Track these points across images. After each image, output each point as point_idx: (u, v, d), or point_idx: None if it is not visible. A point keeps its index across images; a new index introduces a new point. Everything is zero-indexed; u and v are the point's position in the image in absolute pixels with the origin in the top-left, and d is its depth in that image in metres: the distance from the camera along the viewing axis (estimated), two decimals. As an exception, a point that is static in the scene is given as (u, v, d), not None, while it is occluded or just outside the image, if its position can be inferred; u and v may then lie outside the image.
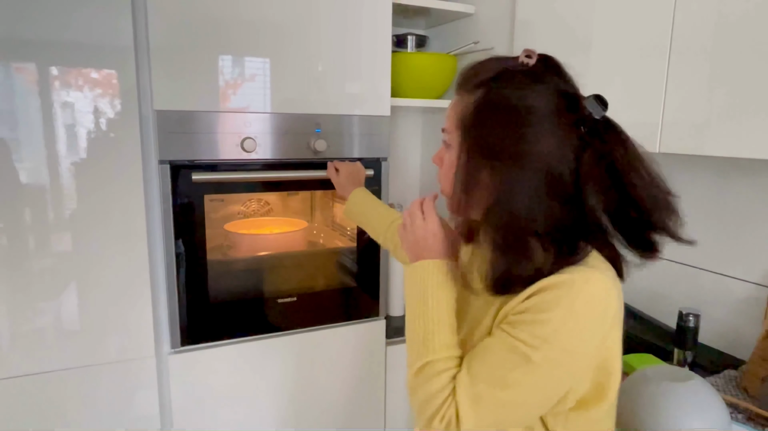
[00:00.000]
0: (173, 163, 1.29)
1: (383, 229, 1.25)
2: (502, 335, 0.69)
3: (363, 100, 1.48)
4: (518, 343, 0.67)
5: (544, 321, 0.66)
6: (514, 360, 0.67)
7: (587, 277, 0.67)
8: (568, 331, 0.66)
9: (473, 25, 1.78)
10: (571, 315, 0.66)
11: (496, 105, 0.71)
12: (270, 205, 1.70)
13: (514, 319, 0.69)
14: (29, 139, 1.17)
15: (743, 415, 1.04)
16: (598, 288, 0.68)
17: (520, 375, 0.66)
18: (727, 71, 1.00)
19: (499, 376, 0.67)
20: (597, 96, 0.71)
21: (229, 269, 1.52)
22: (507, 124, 0.70)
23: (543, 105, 0.70)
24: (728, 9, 0.99)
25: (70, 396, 1.27)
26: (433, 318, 0.74)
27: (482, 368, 0.69)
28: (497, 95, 0.72)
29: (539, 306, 0.67)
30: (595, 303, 0.67)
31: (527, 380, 0.67)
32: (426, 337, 0.73)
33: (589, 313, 0.67)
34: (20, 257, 1.19)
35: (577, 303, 0.66)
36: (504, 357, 0.67)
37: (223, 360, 1.42)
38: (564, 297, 0.66)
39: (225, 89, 1.32)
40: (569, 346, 0.66)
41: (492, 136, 0.71)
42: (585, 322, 0.67)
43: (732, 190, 1.31)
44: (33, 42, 1.14)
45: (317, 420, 1.58)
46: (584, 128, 0.71)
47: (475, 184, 0.72)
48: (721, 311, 1.34)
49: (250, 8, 1.31)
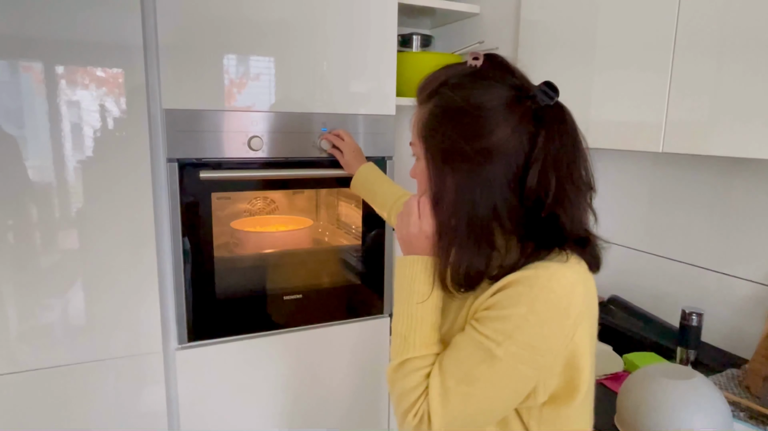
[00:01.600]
0: (181, 161, 1.30)
1: (389, 205, 1.30)
2: (470, 331, 0.72)
3: (368, 100, 1.49)
4: (483, 338, 0.69)
5: (506, 317, 0.68)
6: (479, 355, 0.69)
7: (551, 273, 0.68)
8: (530, 327, 0.68)
9: (478, 25, 1.78)
10: (533, 311, 0.68)
11: (447, 109, 0.74)
12: (276, 203, 1.71)
13: (480, 315, 0.72)
14: (37, 137, 1.17)
15: (745, 413, 1.05)
16: (561, 283, 0.68)
17: (485, 370, 0.69)
18: (731, 71, 1.01)
19: (465, 371, 0.70)
20: (547, 83, 0.73)
21: (235, 266, 1.53)
22: (460, 126, 0.72)
23: (492, 100, 0.71)
24: (732, 8, 1.00)
25: (78, 390, 1.29)
26: (416, 314, 0.77)
27: (451, 364, 0.72)
28: (447, 100, 0.74)
29: (503, 303, 0.69)
30: (558, 299, 0.68)
31: (492, 375, 0.69)
32: (408, 334, 0.76)
33: (552, 309, 0.68)
34: (29, 254, 1.20)
35: (540, 299, 0.68)
36: (470, 353, 0.70)
37: (230, 356, 1.44)
38: (526, 294, 0.68)
39: (232, 88, 1.33)
40: (532, 341, 0.68)
41: (448, 140, 0.73)
42: (547, 318, 0.68)
43: (736, 190, 1.32)
44: (40, 40, 1.15)
45: (322, 416, 1.59)
46: (538, 115, 0.72)
47: (443, 188, 0.74)
48: (724, 310, 1.34)
49: (256, 8, 1.32)
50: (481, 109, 0.71)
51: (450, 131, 0.73)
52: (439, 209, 0.75)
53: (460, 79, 0.74)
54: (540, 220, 0.72)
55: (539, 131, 0.71)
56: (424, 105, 0.77)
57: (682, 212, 1.45)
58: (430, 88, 0.76)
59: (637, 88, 1.19)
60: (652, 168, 1.52)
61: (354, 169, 1.41)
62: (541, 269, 0.69)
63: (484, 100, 0.71)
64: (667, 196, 1.49)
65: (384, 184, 1.36)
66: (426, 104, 0.76)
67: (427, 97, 0.76)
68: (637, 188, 1.58)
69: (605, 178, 1.67)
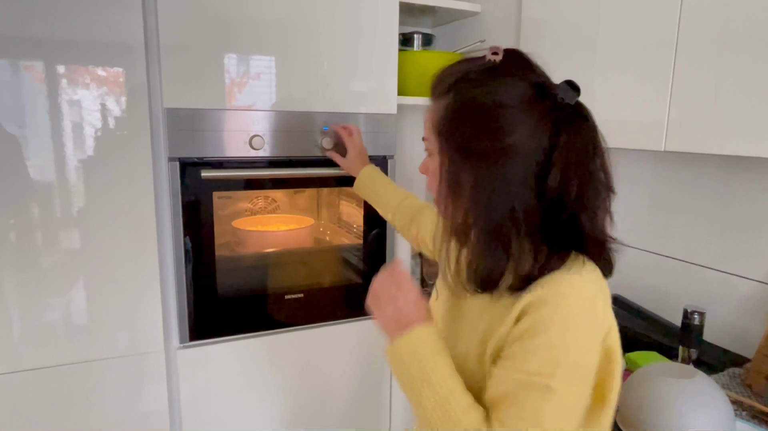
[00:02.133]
0: (182, 160, 1.30)
1: (393, 207, 1.29)
2: (511, 373, 0.67)
3: (370, 98, 1.49)
4: (532, 377, 0.65)
5: (545, 344, 0.65)
6: (536, 395, 0.65)
7: (571, 286, 0.67)
8: (570, 346, 0.65)
9: (479, 24, 1.78)
10: (567, 329, 0.66)
11: (466, 105, 0.71)
12: (277, 202, 1.71)
13: (513, 351, 0.67)
14: (38, 136, 1.18)
15: (747, 412, 1.05)
16: (584, 296, 0.67)
17: (548, 408, 0.65)
18: (734, 69, 1.00)
19: (529, 417, 0.65)
20: (569, 81, 0.71)
21: (236, 265, 1.53)
22: (479, 123, 0.70)
23: (513, 98, 0.69)
24: (734, 6, 1.00)
25: (80, 389, 1.29)
26: (444, 392, 0.70)
27: (509, 416, 0.66)
28: (466, 96, 0.72)
29: (535, 329, 0.66)
30: (586, 312, 0.67)
31: (555, 409, 0.65)
32: (445, 415, 0.69)
33: (583, 322, 0.67)
34: (30, 253, 1.21)
35: (569, 316, 0.66)
36: (525, 396, 0.65)
37: (231, 355, 1.44)
38: (553, 315, 0.66)
39: (233, 87, 1.33)
40: (577, 359, 0.66)
41: (466, 136, 0.71)
42: (581, 332, 0.66)
43: (738, 188, 1.32)
44: (42, 40, 1.15)
45: (323, 415, 1.59)
46: (559, 114, 0.70)
47: (459, 186, 0.72)
48: (726, 309, 1.34)
49: (258, 6, 1.32)
50: (502, 107, 0.69)
51: (468, 128, 0.70)
52: (455, 206, 0.73)
53: (479, 74, 0.72)
54: (557, 222, 0.70)
55: (560, 130, 0.69)
56: (440, 99, 0.74)
57: (684, 210, 1.44)
58: (448, 82, 0.73)
59: (640, 87, 1.19)
60: (655, 166, 1.52)
61: (356, 169, 1.39)
62: (564, 285, 0.67)
63: (504, 97, 0.69)
64: (669, 195, 1.48)
65: (388, 186, 1.35)
66: (442, 99, 0.74)
67: (444, 92, 0.74)
68: (639, 187, 1.57)
69: (607, 177, 1.67)
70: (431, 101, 0.77)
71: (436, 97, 0.75)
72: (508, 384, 0.67)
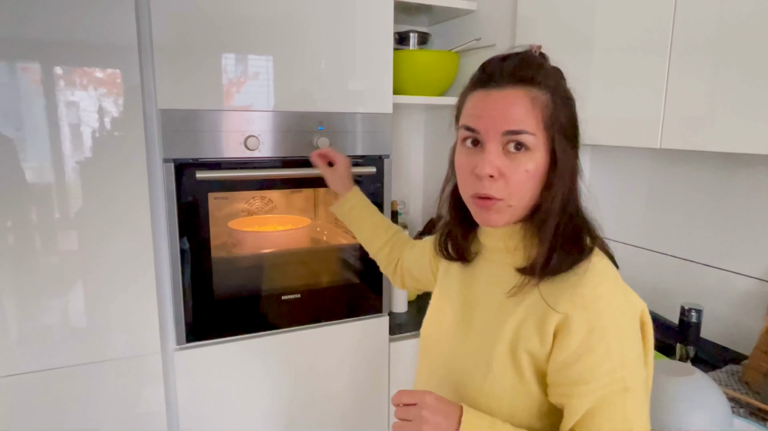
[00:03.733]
0: (177, 161, 1.30)
1: (383, 238, 1.18)
2: (587, 396, 0.66)
3: (365, 98, 1.48)
4: (608, 388, 0.66)
5: (606, 353, 0.66)
6: (617, 402, 0.66)
7: (605, 287, 0.68)
8: (626, 342, 0.67)
9: (475, 22, 1.78)
10: (619, 328, 0.67)
11: (566, 97, 0.74)
12: (273, 202, 1.70)
13: (579, 372, 0.67)
14: (34, 138, 1.17)
15: (745, 409, 1.05)
16: (616, 291, 0.69)
17: (630, 407, 0.66)
18: (730, 65, 1.00)
19: (619, 422, 0.66)
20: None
21: (233, 266, 1.53)
22: (573, 114, 0.74)
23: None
24: (729, 2, 1.00)
25: (77, 392, 1.29)
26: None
27: (600, 429, 0.66)
28: (561, 87, 0.74)
29: (589, 343, 0.66)
30: (625, 304, 0.69)
31: (636, 403, 0.67)
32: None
33: (625, 314, 0.68)
34: (26, 255, 1.20)
35: (615, 315, 0.67)
36: (608, 407, 0.66)
37: (228, 356, 1.43)
38: (602, 318, 0.67)
39: (228, 87, 1.32)
40: (634, 349, 0.68)
41: (571, 126, 0.73)
42: (628, 323, 0.68)
43: (734, 185, 1.32)
44: (37, 42, 1.14)
45: (321, 416, 1.59)
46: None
47: (572, 175, 0.73)
48: (724, 306, 1.34)
49: (251, 6, 1.31)
50: (573, 100, 0.75)
51: (570, 118, 0.73)
52: (554, 196, 0.72)
53: (555, 68, 0.75)
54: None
55: None
56: (539, 91, 0.70)
57: (681, 208, 1.44)
58: (542, 73, 0.71)
59: (635, 84, 1.18)
60: (650, 164, 1.52)
61: (341, 186, 1.27)
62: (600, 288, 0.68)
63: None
64: (665, 192, 1.48)
65: (375, 215, 1.22)
66: (542, 90, 0.70)
67: (542, 83, 0.71)
68: (635, 184, 1.57)
69: (603, 175, 1.67)
70: (524, 91, 0.70)
71: (535, 87, 0.70)
72: (586, 405, 0.67)
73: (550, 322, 0.68)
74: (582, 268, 0.69)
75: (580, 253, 0.70)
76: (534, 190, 0.72)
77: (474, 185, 0.72)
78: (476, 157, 0.71)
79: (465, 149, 0.74)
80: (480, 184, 0.71)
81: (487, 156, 0.70)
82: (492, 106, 0.70)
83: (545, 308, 0.69)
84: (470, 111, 0.73)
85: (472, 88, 0.75)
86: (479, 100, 0.72)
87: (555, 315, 0.68)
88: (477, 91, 0.73)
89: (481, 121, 0.71)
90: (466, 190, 0.75)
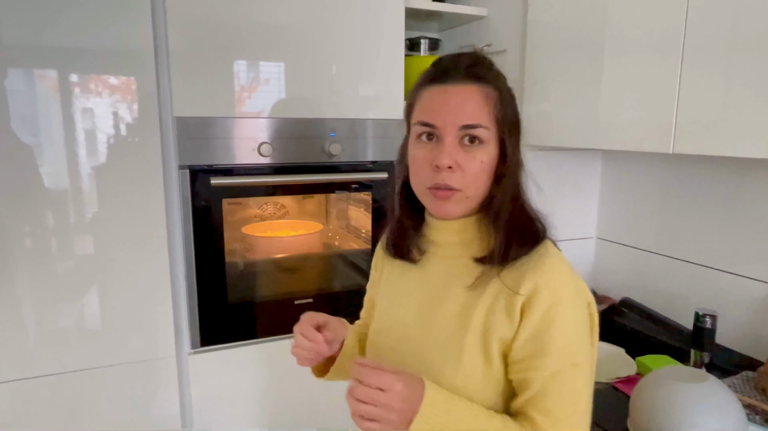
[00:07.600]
0: (192, 167, 1.31)
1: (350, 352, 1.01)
2: (538, 373, 0.70)
3: (377, 104, 1.49)
4: (560, 363, 0.70)
5: (561, 326, 0.70)
6: (567, 379, 0.70)
7: (562, 268, 0.73)
8: (579, 320, 0.73)
9: (486, 28, 1.78)
10: (572, 308, 0.72)
11: (509, 91, 0.78)
12: (286, 208, 1.72)
13: (536, 348, 0.70)
14: (51, 144, 1.20)
15: (760, 416, 1.03)
16: (573, 275, 0.74)
17: (579, 382, 0.71)
18: (742, 70, 1.00)
19: (568, 397, 0.71)
20: None
21: (246, 271, 1.54)
22: (515, 106, 0.78)
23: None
24: (742, 6, 0.99)
25: (93, 395, 1.31)
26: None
27: (552, 406, 0.70)
28: (505, 82, 0.78)
29: (549, 316, 0.70)
30: (579, 288, 0.74)
31: (584, 379, 0.72)
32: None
33: (580, 299, 0.74)
34: (44, 260, 1.22)
35: (567, 297, 0.72)
36: (560, 385, 0.70)
37: (242, 360, 1.45)
38: (558, 302, 0.71)
39: (242, 94, 1.34)
40: (583, 330, 0.73)
41: (515, 118, 0.77)
42: (578, 304, 0.73)
43: (748, 190, 1.31)
44: (54, 49, 1.17)
45: (334, 420, 1.59)
46: None
47: (518, 166, 0.77)
48: (739, 312, 1.33)
49: (265, 14, 1.33)
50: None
51: (514, 111, 0.78)
52: (504, 187, 0.76)
53: (497, 68, 0.78)
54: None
55: None
56: (488, 87, 0.74)
57: (694, 213, 1.43)
58: (493, 70, 0.77)
59: (647, 89, 1.18)
60: (663, 169, 1.51)
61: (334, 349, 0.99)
62: (555, 272, 0.73)
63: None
64: (678, 197, 1.48)
65: (356, 347, 1.04)
66: (490, 86, 0.75)
67: (492, 79, 0.75)
68: (647, 189, 1.56)
69: (615, 180, 1.66)
70: (478, 88, 0.74)
71: (486, 84, 0.74)
72: (540, 380, 0.70)
73: (516, 304, 0.71)
74: (539, 252, 0.74)
75: (535, 239, 0.75)
76: (488, 181, 0.76)
77: (432, 177, 0.75)
78: (434, 151, 0.75)
79: (420, 144, 0.77)
80: (439, 175, 0.74)
81: (446, 148, 0.73)
82: (449, 101, 0.74)
83: (509, 294, 0.72)
84: (426, 106, 0.76)
85: (426, 84, 0.78)
86: (436, 95, 0.75)
87: (520, 297, 0.71)
88: (432, 86, 0.76)
89: (438, 115, 0.74)
90: (423, 182, 0.77)
